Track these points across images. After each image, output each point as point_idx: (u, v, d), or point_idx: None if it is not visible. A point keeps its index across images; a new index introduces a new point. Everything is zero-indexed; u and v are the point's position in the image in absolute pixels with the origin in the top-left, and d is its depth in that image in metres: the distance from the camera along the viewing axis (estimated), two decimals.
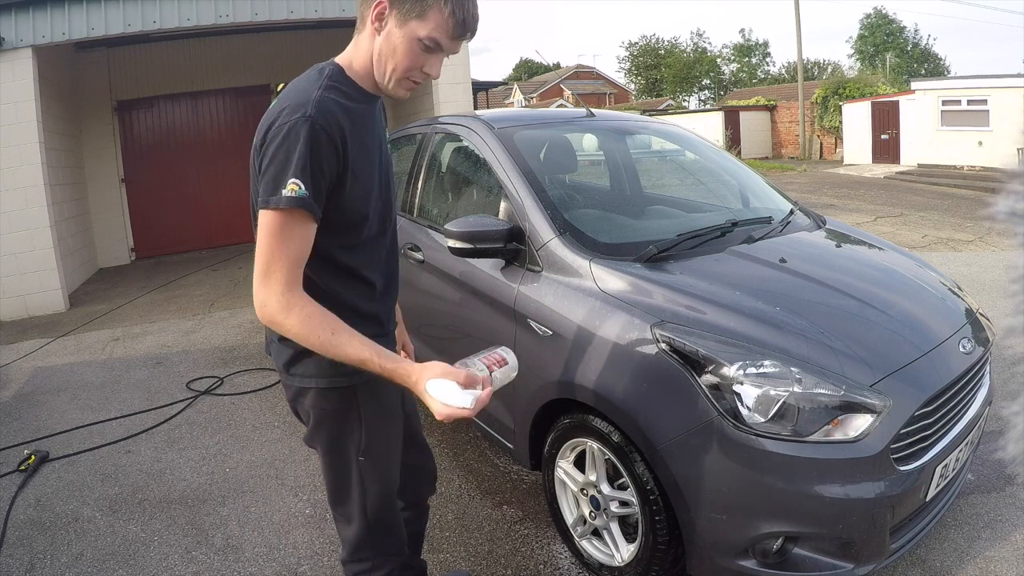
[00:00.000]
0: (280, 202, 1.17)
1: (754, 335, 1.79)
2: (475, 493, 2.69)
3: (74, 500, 2.77)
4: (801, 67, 22.24)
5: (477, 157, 2.81)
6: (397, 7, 1.22)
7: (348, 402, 1.38)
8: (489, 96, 21.01)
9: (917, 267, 2.50)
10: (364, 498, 1.45)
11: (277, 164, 1.18)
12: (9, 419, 3.70)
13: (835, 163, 20.06)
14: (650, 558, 1.88)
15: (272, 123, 1.21)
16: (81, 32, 6.35)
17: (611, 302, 1.99)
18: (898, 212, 9.69)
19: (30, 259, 6.34)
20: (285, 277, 1.20)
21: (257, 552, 2.36)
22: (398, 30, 1.23)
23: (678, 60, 48.90)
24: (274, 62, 9.84)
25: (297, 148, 1.17)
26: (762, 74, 49.08)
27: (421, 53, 1.25)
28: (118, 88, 9.13)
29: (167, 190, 9.36)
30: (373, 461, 1.44)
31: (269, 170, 1.19)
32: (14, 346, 5.23)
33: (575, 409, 2.07)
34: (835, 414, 1.67)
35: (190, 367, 4.39)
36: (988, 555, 2.13)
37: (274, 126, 1.20)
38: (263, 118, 1.25)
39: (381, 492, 1.47)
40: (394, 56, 1.25)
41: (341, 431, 1.41)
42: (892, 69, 33.98)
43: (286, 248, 1.20)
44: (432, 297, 2.90)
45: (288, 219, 1.19)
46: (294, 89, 1.25)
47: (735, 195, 3.10)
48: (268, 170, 1.19)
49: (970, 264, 6.09)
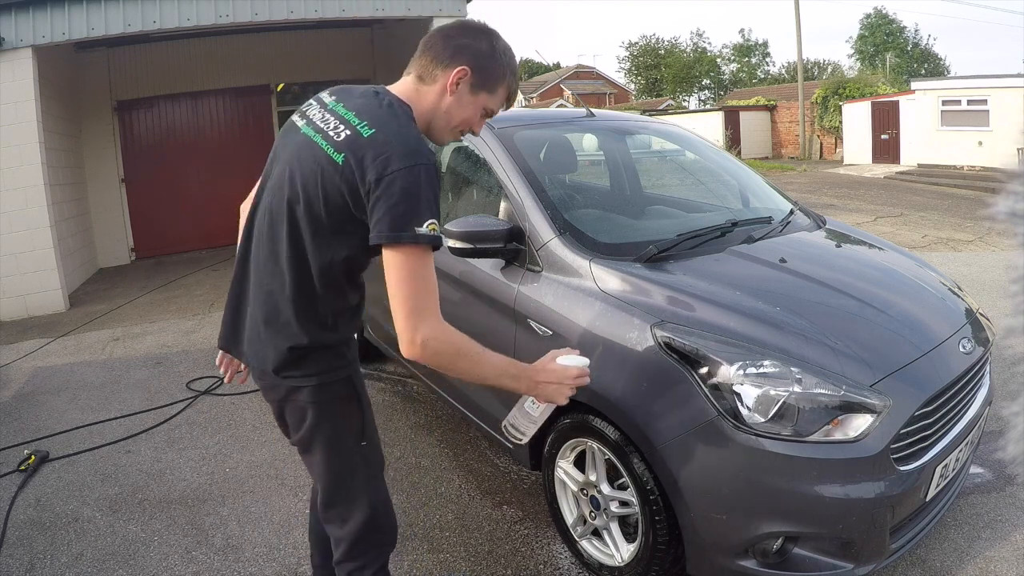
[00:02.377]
0: (422, 239, 1.22)
1: (754, 335, 1.79)
2: (475, 493, 2.69)
3: (74, 500, 2.77)
4: (801, 67, 22.24)
5: (477, 157, 2.81)
6: (476, 80, 1.38)
7: (350, 389, 1.44)
8: None
9: (917, 267, 2.50)
10: (368, 484, 1.49)
11: (409, 202, 1.22)
12: (9, 419, 3.70)
13: (835, 163, 20.06)
14: (650, 558, 1.88)
15: (387, 161, 1.23)
16: (81, 32, 6.35)
17: (611, 302, 1.99)
18: (898, 212, 9.69)
19: (30, 259, 6.34)
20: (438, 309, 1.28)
21: (257, 552, 2.36)
22: (470, 97, 1.40)
23: (678, 60, 48.90)
24: (274, 62, 9.85)
25: (426, 189, 1.24)
26: (762, 74, 49.10)
27: (480, 117, 1.45)
28: (118, 88, 9.12)
29: (167, 190, 9.36)
30: (372, 444, 1.51)
31: (398, 207, 1.22)
32: (14, 346, 5.23)
33: (575, 409, 2.07)
34: (835, 414, 1.67)
35: (190, 367, 4.39)
36: (988, 555, 2.13)
37: (380, 148, 1.24)
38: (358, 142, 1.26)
39: (380, 474, 1.55)
40: (460, 115, 1.42)
41: (343, 420, 1.44)
42: (892, 69, 33.98)
43: (432, 281, 1.27)
44: None
45: (428, 255, 1.25)
46: (392, 128, 1.28)
47: (735, 195, 3.10)
48: (397, 207, 1.22)
49: (970, 264, 6.09)
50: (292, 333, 1.35)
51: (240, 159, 9.76)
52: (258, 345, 1.40)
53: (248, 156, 9.82)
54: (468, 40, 1.40)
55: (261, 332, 1.39)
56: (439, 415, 3.44)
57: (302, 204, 1.31)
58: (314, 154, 1.30)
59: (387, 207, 1.21)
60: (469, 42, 1.39)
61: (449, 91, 1.39)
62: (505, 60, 1.42)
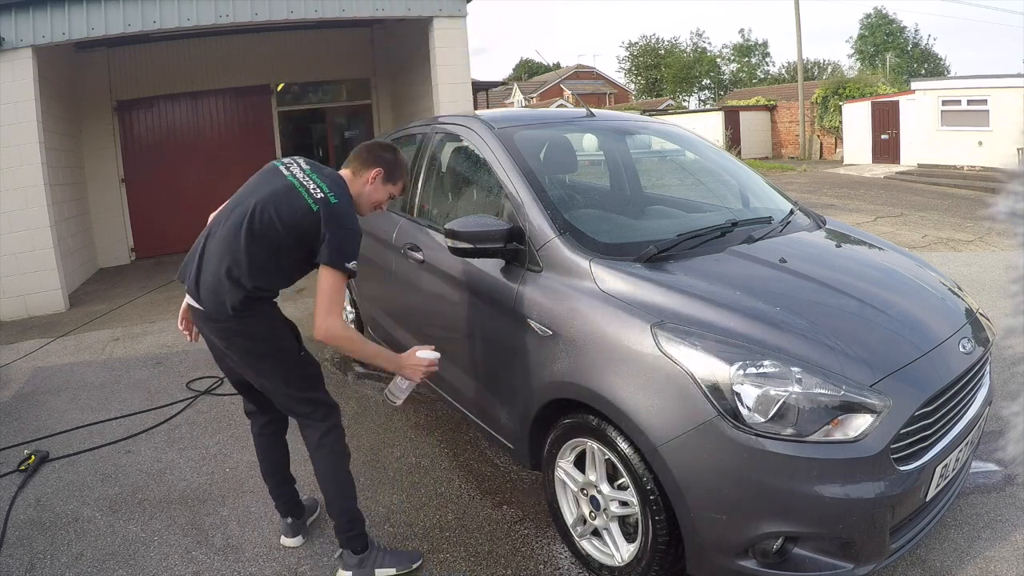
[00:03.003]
0: (348, 272, 2.00)
1: (754, 335, 1.79)
2: (475, 493, 2.69)
3: (74, 500, 2.77)
4: (801, 67, 22.24)
5: (477, 157, 2.81)
6: (384, 178, 2.21)
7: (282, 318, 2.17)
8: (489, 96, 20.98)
9: (917, 267, 2.50)
10: (317, 370, 2.20)
11: (347, 242, 2.00)
12: (9, 419, 3.70)
13: (835, 163, 20.05)
14: (650, 558, 1.88)
15: (343, 216, 2.02)
16: (81, 32, 6.35)
17: (611, 302, 1.99)
18: (898, 212, 9.69)
19: (30, 259, 6.34)
20: (342, 312, 2.05)
21: (257, 552, 2.36)
22: (382, 187, 2.22)
23: (678, 60, 48.87)
24: (274, 62, 9.85)
25: (356, 237, 2.05)
26: (762, 74, 49.06)
27: (386, 199, 2.27)
28: (118, 88, 9.13)
29: (167, 190, 9.36)
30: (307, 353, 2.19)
31: (342, 244, 1.99)
32: (14, 346, 5.24)
33: (575, 409, 2.07)
34: (835, 414, 1.67)
35: (190, 367, 4.39)
36: (988, 555, 2.13)
37: (345, 218, 2.03)
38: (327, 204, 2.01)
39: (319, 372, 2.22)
40: (375, 198, 2.23)
41: (287, 340, 2.13)
42: (892, 69, 33.96)
43: (342, 296, 2.05)
44: (432, 297, 2.90)
45: (345, 279, 2.01)
46: (343, 201, 2.06)
47: (735, 195, 3.10)
48: (339, 244, 1.98)
49: (970, 264, 6.09)
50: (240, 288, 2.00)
51: (240, 159, 9.75)
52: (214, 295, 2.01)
53: (248, 156, 9.82)
54: (381, 152, 2.23)
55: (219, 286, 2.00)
56: (439, 415, 3.44)
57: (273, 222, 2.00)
58: (293, 197, 2.03)
59: (334, 245, 1.98)
60: (381, 154, 2.23)
61: (369, 183, 2.19)
62: (403, 164, 2.29)
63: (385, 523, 2.50)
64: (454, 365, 2.76)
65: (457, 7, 7.59)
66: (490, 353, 2.46)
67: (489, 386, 2.52)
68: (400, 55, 9.77)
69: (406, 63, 9.51)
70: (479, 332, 2.52)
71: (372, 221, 3.61)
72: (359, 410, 3.54)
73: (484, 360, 2.52)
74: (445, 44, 7.58)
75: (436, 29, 7.52)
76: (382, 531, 2.44)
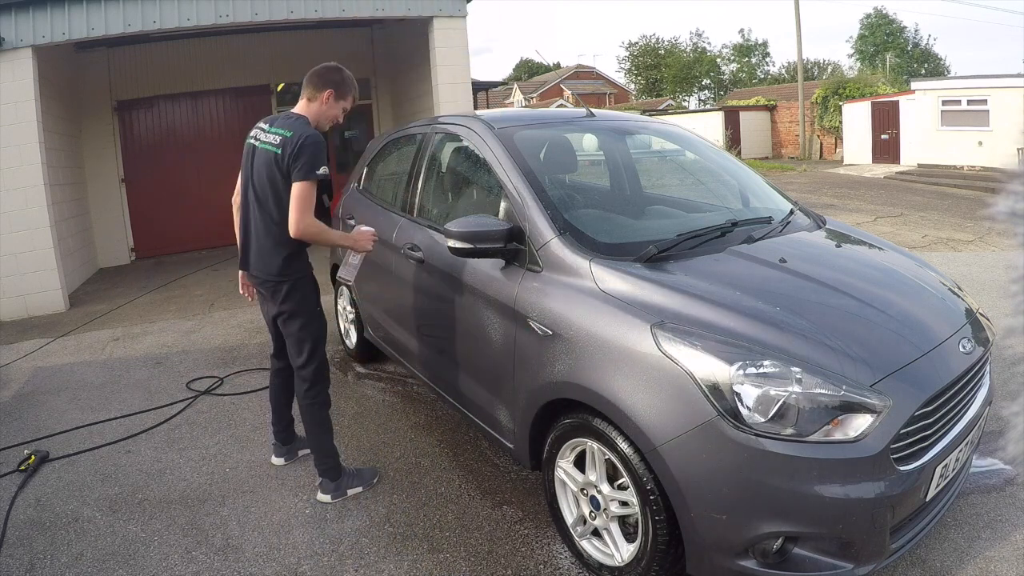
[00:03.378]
0: (316, 177, 2.43)
1: (754, 335, 1.79)
2: (475, 493, 2.69)
3: (74, 500, 2.77)
4: (801, 67, 22.24)
5: (477, 157, 2.81)
6: (335, 96, 2.61)
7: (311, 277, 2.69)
8: (489, 96, 21.01)
9: (917, 267, 2.50)
10: (323, 331, 2.70)
11: (309, 157, 2.42)
12: (9, 419, 3.70)
13: (835, 163, 20.06)
14: (650, 558, 1.88)
15: (299, 140, 2.43)
16: (81, 32, 6.35)
17: (611, 302, 1.99)
18: (898, 212, 9.69)
19: (30, 259, 6.34)
20: (311, 212, 2.46)
21: (257, 552, 2.36)
22: (335, 104, 2.63)
23: (678, 60, 48.86)
24: (274, 62, 9.85)
25: (318, 151, 2.45)
26: (762, 74, 49.04)
27: (340, 113, 2.68)
28: (118, 88, 9.13)
29: (167, 190, 9.36)
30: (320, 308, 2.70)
31: (303, 160, 2.41)
32: (14, 346, 5.24)
33: (575, 409, 2.07)
34: (835, 414, 1.67)
35: (190, 367, 4.39)
36: (988, 555, 2.13)
37: (302, 140, 2.43)
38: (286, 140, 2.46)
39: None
40: (330, 114, 2.64)
41: (315, 296, 2.67)
42: (892, 69, 33.92)
43: (312, 200, 2.47)
44: (432, 297, 2.90)
45: (314, 186, 2.45)
46: (298, 129, 2.48)
47: (735, 195, 3.10)
48: (302, 160, 2.41)
49: (970, 264, 6.09)
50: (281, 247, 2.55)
51: (240, 159, 9.75)
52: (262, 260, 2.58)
53: None
54: (328, 75, 2.61)
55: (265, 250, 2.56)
56: (439, 415, 3.44)
57: (267, 185, 2.51)
58: (263, 155, 2.52)
59: (299, 162, 2.41)
60: (329, 76, 2.61)
61: (324, 103, 2.59)
62: (349, 81, 2.66)
63: (385, 523, 2.50)
64: (454, 365, 2.76)
65: (457, 7, 7.59)
66: (490, 353, 2.46)
67: (489, 386, 2.51)
68: (400, 55, 9.77)
69: (406, 63, 9.51)
70: (479, 332, 2.52)
71: (372, 221, 3.62)
72: (359, 410, 3.54)
73: (484, 360, 2.52)
74: (445, 44, 7.59)
75: (436, 29, 7.52)
76: (382, 531, 2.45)
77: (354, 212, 3.95)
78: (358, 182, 4.20)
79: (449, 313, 2.74)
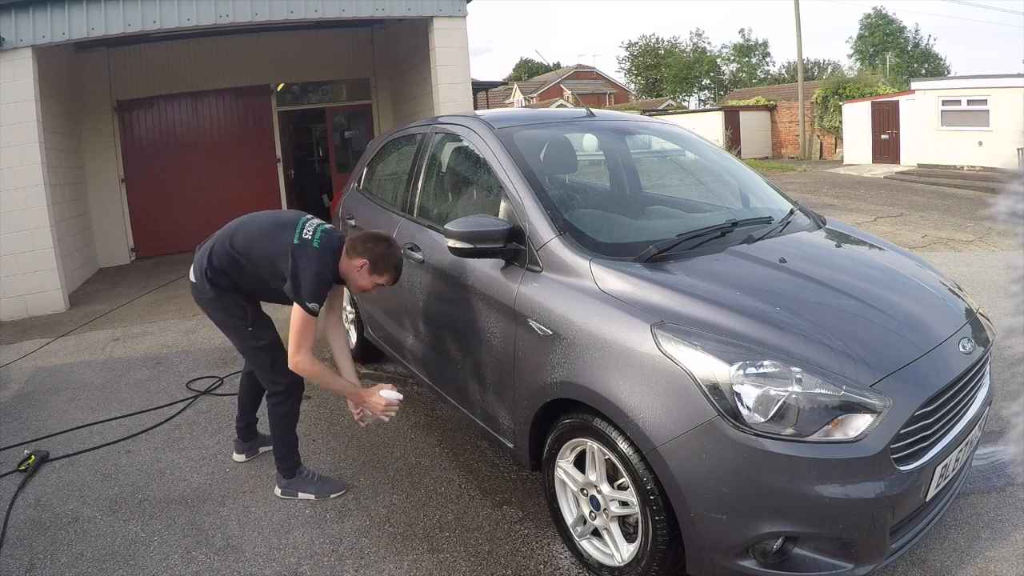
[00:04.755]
0: (312, 310, 2.40)
1: (754, 335, 1.79)
2: (475, 493, 2.69)
3: (74, 500, 2.77)
4: (801, 67, 22.24)
5: (477, 157, 2.81)
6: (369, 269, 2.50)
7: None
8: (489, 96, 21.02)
9: (917, 267, 2.50)
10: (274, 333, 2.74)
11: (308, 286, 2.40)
12: (9, 419, 3.70)
13: (835, 163, 20.06)
14: (650, 558, 1.88)
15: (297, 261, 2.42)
16: (81, 32, 6.36)
17: (611, 302, 1.99)
18: (898, 212, 9.69)
19: (30, 259, 6.34)
20: (310, 347, 2.46)
21: (257, 552, 2.36)
22: (368, 276, 2.52)
23: (678, 60, 48.82)
24: (274, 62, 9.85)
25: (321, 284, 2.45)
26: (762, 74, 49.01)
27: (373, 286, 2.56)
28: (118, 88, 9.13)
29: (167, 190, 9.36)
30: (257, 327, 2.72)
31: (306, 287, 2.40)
32: (14, 346, 5.24)
33: (575, 409, 2.07)
34: (835, 414, 1.67)
35: (190, 367, 4.39)
36: (988, 555, 2.13)
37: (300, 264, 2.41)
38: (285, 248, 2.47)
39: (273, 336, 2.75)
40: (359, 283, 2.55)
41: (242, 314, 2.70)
42: (892, 69, 33.93)
43: (311, 332, 2.45)
44: (432, 297, 2.90)
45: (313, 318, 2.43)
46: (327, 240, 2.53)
47: (735, 195, 3.10)
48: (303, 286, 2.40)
49: (970, 264, 6.09)
50: None
51: (240, 159, 9.77)
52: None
53: (248, 156, 9.86)
54: (371, 245, 2.50)
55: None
56: (439, 415, 3.44)
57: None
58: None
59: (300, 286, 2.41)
60: (371, 246, 2.50)
61: (356, 269, 2.50)
62: (392, 259, 2.52)
63: (385, 523, 2.50)
64: (454, 365, 2.76)
65: (457, 7, 7.59)
66: (490, 353, 2.46)
67: (489, 386, 2.51)
68: (400, 55, 9.77)
69: (406, 63, 9.51)
70: (479, 332, 2.52)
71: (372, 221, 3.62)
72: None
73: (484, 360, 2.52)
74: (445, 44, 7.59)
75: (436, 29, 7.52)
76: (382, 531, 2.45)
77: (354, 212, 3.96)
78: (358, 182, 4.20)
79: (449, 313, 2.74)
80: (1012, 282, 0.61)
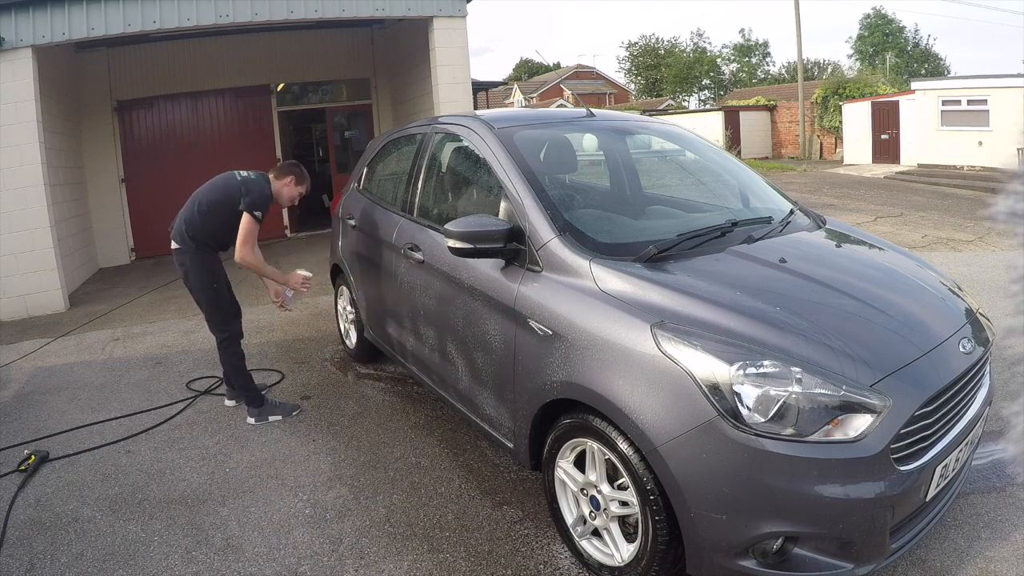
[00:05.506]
0: (258, 217, 3.30)
1: (754, 335, 1.79)
2: (475, 493, 2.69)
3: (74, 500, 2.77)
4: (801, 67, 22.24)
5: (477, 157, 2.81)
6: (295, 182, 3.49)
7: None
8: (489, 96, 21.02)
9: (917, 267, 2.50)
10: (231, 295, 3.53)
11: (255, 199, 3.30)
12: (9, 419, 3.70)
13: (835, 163, 20.06)
14: (650, 558, 1.88)
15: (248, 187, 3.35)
16: (81, 32, 6.36)
17: (611, 302, 1.99)
18: (898, 212, 9.69)
19: (30, 259, 6.34)
20: (253, 244, 3.31)
21: (257, 552, 2.36)
22: (294, 187, 3.50)
23: (678, 60, 48.81)
24: (274, 62, 9.85)
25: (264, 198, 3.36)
26: (762, 74, 49.00)
27: (297, 195, 3.55)
28: (118, 88, 9.13)
29: (167, 190, 9.32)
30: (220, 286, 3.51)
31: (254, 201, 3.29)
32: (14, 346, 5.24)
33: (575, 409, 2.07)
34: (835, 414, 1.67)
35: (190, 367, 4.39)
36: (988, 555, 2.13)
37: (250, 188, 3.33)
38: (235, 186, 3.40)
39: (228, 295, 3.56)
40: (287, 194, 3.51)
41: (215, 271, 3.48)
42: (892, 69, 33.93)
43: (255, 234, 3.31)
44: (432, 297, 2.90)
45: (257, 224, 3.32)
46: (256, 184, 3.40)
47: (735, 195, 3.10)
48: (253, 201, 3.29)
49: (970, 264, 6.09)
50: None
51: (240, 159, 9.69)
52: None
53: (248, 156, 9.83)
54: (292, 168, 3.51)
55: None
56: (439, 415, 3.44)
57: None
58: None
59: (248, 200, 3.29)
60: (292, 169, 3.50)
61: (286, 185, 3.46)
62: (306, 174, 3.55)
63: (385, 523, 2.50)
64: (454, 365, 2.76)
65: (457, 7, 7.59)
66: (490, 353, 2.46)
67: (489, 386, 2.52)
68: (400, 55, 9.77)
69: (406, 63, 9.51)
70: (479, 332, 2.52)
71: (372, 221, 3.62)
72: (359, 410, 3.54)
73: (484, 360, 2.52)
74: (445, 44, 7.59)
75: (436, 29, 7.52)
76: (382, 531, 2.45)
77: (354, 212, 3.96)
78: (358, 182, 4.20)
79: (449, 313, 2.74)
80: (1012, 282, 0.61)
